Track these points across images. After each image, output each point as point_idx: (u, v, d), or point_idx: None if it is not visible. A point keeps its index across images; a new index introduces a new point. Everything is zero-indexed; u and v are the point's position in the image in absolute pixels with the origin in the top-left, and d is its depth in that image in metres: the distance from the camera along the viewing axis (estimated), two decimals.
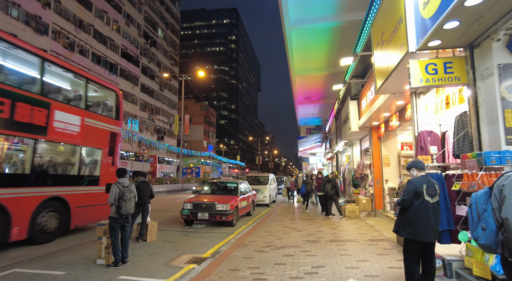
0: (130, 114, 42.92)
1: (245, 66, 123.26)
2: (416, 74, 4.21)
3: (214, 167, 46.93)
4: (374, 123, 9.82)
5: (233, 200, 10.02)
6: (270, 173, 19.33)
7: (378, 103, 7.95)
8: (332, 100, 21.28)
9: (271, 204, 17.38)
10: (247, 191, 12.18)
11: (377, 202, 10.10)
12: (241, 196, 10.92)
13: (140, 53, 45.95)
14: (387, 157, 10.13)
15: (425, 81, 4.19)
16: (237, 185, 11.20)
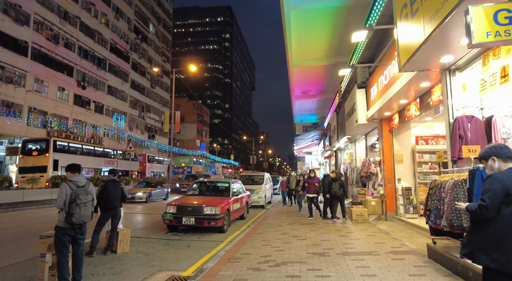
0: (119, 111, 41.31)
1: (239, 65, 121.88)
2: (481, 26, 2.96)
3: (207, 166, 45.44)
4: (386, 114, 8.58)
5: (224, 202, 8.70)
6: (266, 172, 18.01)
7: (395, 88, 6.71)
8: (331, 95, 20.07)
9: (266, 205, 16.08)
10: (240, 191, 10.87)
11: (389, 204, 8.87)
12: (233, 197, 9.61)
13: (130, 49, 44.32)
14: (399, 153, 8.90)
15: (494, 36, 2.93)
16: (229, 185, 9.88)
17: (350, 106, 10.71)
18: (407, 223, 7.85)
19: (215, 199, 8.91)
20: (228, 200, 9.08)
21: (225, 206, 8.58)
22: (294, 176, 15.14)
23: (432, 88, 5.96)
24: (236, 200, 9.82)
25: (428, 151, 8.71)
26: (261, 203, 15.09)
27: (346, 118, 11.73)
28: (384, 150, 9.09)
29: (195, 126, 68.95)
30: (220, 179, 10.80)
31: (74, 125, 32.20)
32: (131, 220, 10.90)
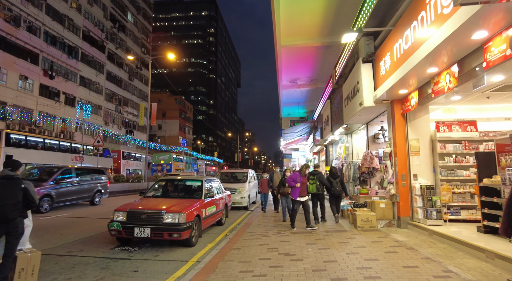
0: (93, 104, 38.39)
1: (224, 60, 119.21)
2: None
3: (189, 164, 43.04)
4: (401, 92, 6.70)
5: (194, 206, 6.66)
6: (250, 169, 16.00)
7: (423, 51, 4.84)
8: (322, 84, 18.26)
9: (250, 206, 14.10)
10: (217, 191, 8.83)
11: (402, 206, 7.03)
12: (207, 199, 7.57)
13: (106, 38, 41.33)
14: (415, 143, 7.08)
15: None
16: (202, 183, 7.81)
17: (351, 87, 8.83)
18: (432, 232, 6.02)
19: (181, 202, 6.84)
20: (199, 203, 7.04)
21: (194, 211, 6.53)
22: (279, 172, 11.34)
23: (488, 42, 4.08)
24: (211, 202, 7.78)
25: (453, 139, 6.93)
26: (244, 204, 13.10)
27: (345, 103, 9.85)
28: (397, 139, 7.23)
29: (178, 123, 66.22)
30: (190, 177, 8.62)
31: (41, 118, 29.25)
32: (67, 229, 8.66)
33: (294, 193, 7.80)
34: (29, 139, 20.82)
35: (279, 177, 10.86)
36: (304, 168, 8.00)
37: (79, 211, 12.06)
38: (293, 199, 7.84)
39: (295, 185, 7.69)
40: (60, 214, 11.13)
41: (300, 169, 8.21)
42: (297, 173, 7.94)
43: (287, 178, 8.25)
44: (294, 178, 7.86)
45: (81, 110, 30.29)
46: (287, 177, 8.35)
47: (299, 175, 7.85)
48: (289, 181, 7.94)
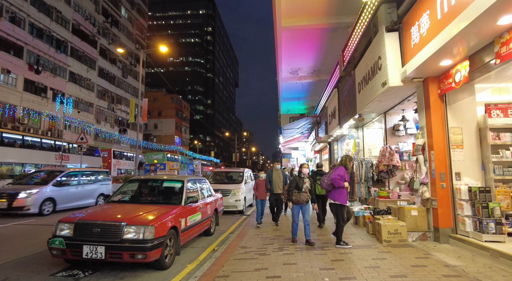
0: (84, 102, 36.67)
1: (222, 60, 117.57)
2: None
3: (184, 164, 41.28)
4: (442, 64, 5.07)
5: (168, 214, 5.02)
6: (246, 168, 14.37)
7: None
8: (326, 76, 16.65)
9: (246, 209, 12.46)
10: (204, 194, 7.19)
11: (441, 214, 5.39)
12: (189, 204, 5.92)
13: (98, 33, 39.62)
14: (457, 131, 5.47)
15: None
16: (183, 185, 6.14)
17: (368, 67, 7.19)
18: (497, 254, 4.37)
19: (154, 209, 5.19)
20: (177, 210, 5.40)
21: (168, 221, 4.89)
22: (280, 170, 8.72)
23: None
24: (194, 209, 6.14)
25: (510, 127, 5.31)
26: (239, 208, 11.47)
27: (359, 89, 8.22)
28: (433, 128, 5.60)
29: (174, 122, 64.47)
30: (169, 177, 6.87)
31: (25, 114, 27.50)
32: (13, 241, 6.98)
33: (340, 196, 5.73)
34: (5, 136, 19.07)
35: (280, 176, 8.51)
36: (348, 161, 6.01)
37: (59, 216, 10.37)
38: (340, 205, 5.75)
39: (343, 184, 5.69)
40: (26, 221, 9.43)
41: (341, 161, 6.11)
42: (342, 169, 5.88)
43: (332, 175, 5.81)
44: (341, 174, 5.76)
45: (61, 104, 28.28)
46: (332, 174, 5.82)
47: (345, 171, 5.90)
48: (335, 179, 5.68)
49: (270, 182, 8.50)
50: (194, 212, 6.13)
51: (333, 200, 5.84)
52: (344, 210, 5.77)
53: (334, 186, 5.81)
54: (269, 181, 8.52)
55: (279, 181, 8.52)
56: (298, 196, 6.03)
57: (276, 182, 8.52)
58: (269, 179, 8.53)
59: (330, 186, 5.89)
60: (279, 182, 8.51)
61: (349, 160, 6.03)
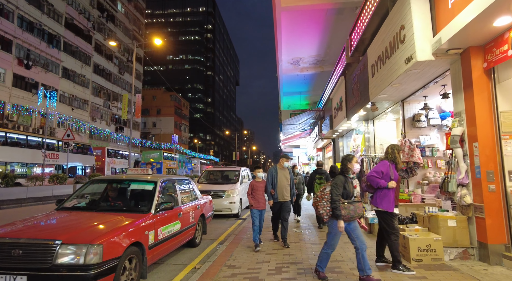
0: (78, 98, 35.47)
1: (222, 58, 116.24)
2: None
3: (182, 163, 40.10)
4: (497, 24, 3.78)
5: (125, 228, 3.76)
6: (243, 167, 13.10)
7: None
8: (330, 67, 15.37)
9: (242, 212, 11.20)
10: (186, 198, 5.93)
11: (491, 225, 4.10)
12: (162, 212, 4.65)
13: (92, 27, 38.38)
14: (510, 116, 4.18)
15: None
16: (155, 187, 4.87)
17: (386, 43, 5.90)
18: None
19: (109, 219, 3.94)
20: (142, 221, 4.14)
21: (124, 237, 3.62)
22: (288, 169, 6.30)
23: None
24: (169, 217, 4.88)
25: None
26: (234, 211, 10.22)
27: (372, 72, 6.92)
28: (476, 112, 4.30)
29: (173, 120, 63.25)
30: (138, 176, 5.55)
31: (14, 111, 26.30)
32: None
33: (382, 199, 4.13)
34: None
35: (287, 177, 6.12)
36: (396, 152, 4.35)
37: None
38: (384, 213, 4.16)
39: (384, 184, 4.09)
40: None
41: (386, 153, 4.41)
42: (386, 163, 4.26)
43: (370, 172, 4.28)
44: (381, 170, 4.18)
45: (44, 97, 26.95)
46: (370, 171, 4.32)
47: (390, 166, 4.24)
48: (371, 177, 4.15)
49: (273, 185, 6.01)
50: (169, 221, 4.87)
51: (376, 205, 4.24)
52: (392, 219, 4.13)
53: (370, 186, 4.29)
54: (272, 183, 6.03)
55: (285, 183, 6.05)
56: (350, 208, 3.75)
57: (282, 185, 6.02)
58: (271, 180, 6.02)
59: (370, 187, 4.32)
60: (286, 184, 6.05)
61: (397, 150, 4.35)
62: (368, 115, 9.12)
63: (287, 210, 6.07)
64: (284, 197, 6.03)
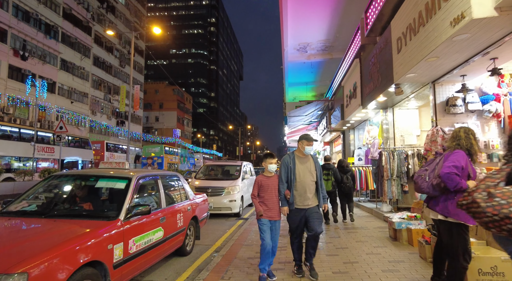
0: (77, 91, 34.55)
1: (226, 52, 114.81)
2: None
3: (184, 157, 39.16)
4: None
5: (75, 244, 2.67)
6: (245, 161, 12.03)
7: None
8: (339, 54, 14.18)
9: (244, 211, 10.15)
10: (169, 199, 4.88)
11: None
12: (135, 217, 3.58)
13: (92, 18, 37.31)
14: None
15: None
16: (128, 184, 3.79)
17: (421, 4, 4.74)
18: None
19: (56, 229, 2.89)
20: (105, 231, 3.08)
21: (70, 258, 2.55)
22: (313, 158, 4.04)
23: None
24: (149, 222, 3.84)
25: None
26: (235, 210, 9.18)
27: (399, 46, 5.76)
28: None
29: (175, 114, 62.29)
30: (109, 172, 4.58)
31: (10, 104, 25.43)
32: None
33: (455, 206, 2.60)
34: None
35: (312, 170, 3.91)
36: (473, 138, 3.07)
37: None
38: (458, 226, 2.90)
39: (465, 184, 2.82)
40: None
41: (458, 139, 3.08)
42: (462, 155, 2.96)
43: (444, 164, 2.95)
44: (460, 163, 2.89)
45: (32, 87, 25.92)
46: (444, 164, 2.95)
47: (467, 157, 3.00)
48: (448, 175, 2.83)
49: (290, 183, 3.88)
50: (147, 229, 3.81)
51: (445, 214, 2.97)
52: (467, 235, 2.91)
53: (443, 188, 2.97)
54: (287, 180, 3.90)
55: (309, 180, 3.86)
56: None
57: (303, 182, 3.86)
58: (286, 175, 3.90)
59: (436, 187, 3.04)
60: (309, 182, 3.86)
61: (473, 135, 3.09)
62: (387, 102, 7.97)
63: (317, 217, 3.79)
64: (307, 202, 3.81)
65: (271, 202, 3.87)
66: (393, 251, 4.82)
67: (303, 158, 3.96)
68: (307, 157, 3.98)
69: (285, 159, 4.00)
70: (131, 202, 3.68)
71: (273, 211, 3.86)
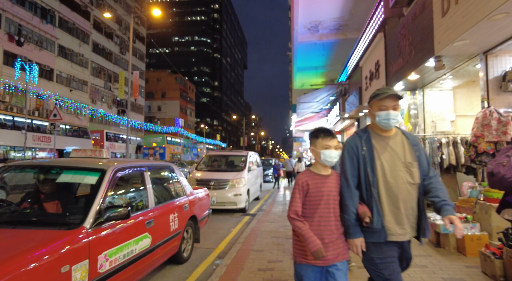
0: (76, 79, 33.54)
1: (230, 39, 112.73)
2: None
3: (187, 148, 38.30)
4: None
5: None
6: (251, 151, 11.01)
7: None
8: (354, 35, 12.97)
9: (249, 206, 9.18)
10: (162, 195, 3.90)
11: None
12: (108, 225, 2.60)
13: (90, 3, 36.02)
14: None
15: None
16: (101, 178, 2.80)
17: None
18: None
19: None
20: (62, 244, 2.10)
21: None
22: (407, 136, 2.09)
23: None
24: (129, 228, 2.85)
25: None
26: (240, 205, 8.23)
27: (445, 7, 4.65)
28: None
29: (178, 103, 61.22)
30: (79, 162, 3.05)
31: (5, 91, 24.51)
32: None
33: None
34: None
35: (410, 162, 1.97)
36: None
37: None
38: None
39: None
40: None
41: None
42: None
43: None
44: None
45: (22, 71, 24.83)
46: None
47: None
48: None
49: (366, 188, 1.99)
50: (128, 237, 2.83)
51: None
52: None
53: None
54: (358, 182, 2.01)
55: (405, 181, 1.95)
56: None
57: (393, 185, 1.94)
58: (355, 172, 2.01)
59: None
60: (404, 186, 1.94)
61: None
62: (417, 82, 6.87)
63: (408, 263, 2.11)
64: (403, 227, 1.96)
65: (328, 227, 1.98)
66: (442, 263, 3.82)
67: (386, 136, 2.05)
68: (395, 134, 2.08)
69: (350, 142, 2.08)
70: (104, 202, 2.69)
71: (332, 245, 1.97)
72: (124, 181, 3.28)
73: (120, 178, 3.10)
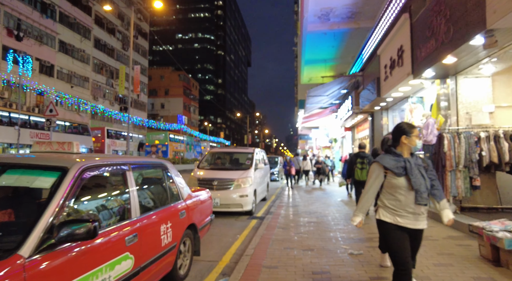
0: (78, 75, 32.89)
1: (234, 36, 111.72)
2: None
3: (190, 145, 37.54)
4: None
5: None
6: (257, 148, 10.12)
7: None
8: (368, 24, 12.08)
9: (256, 208, 8.33)
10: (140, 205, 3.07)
11: None
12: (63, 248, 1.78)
13: None
14: None
15: None
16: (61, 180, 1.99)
17: None
18: None
19: None
20: None
21: None
22: None
23: None
24: (101, 249, 2.01)
25: None
26: (247, 207, 7.39)
27: None
28: None
29: (181, 101, 60.48)
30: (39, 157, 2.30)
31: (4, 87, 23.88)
32: None
33: None
34: None
35: None
36: None
37: None
38: None
39: None
40: None
41: None
42: None
43: None
44: None
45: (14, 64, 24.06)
46: None
47: None
48: None
49: None
50: (98, 261, 2.00)
51: None
52: None
53: None
54: None
55: None
56: None
57: None
58: None
59: None
60: None
61: None
62: (449, 69, 5.96)
63: None
64: None
65: None
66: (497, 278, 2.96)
67: None
68: None
69: None
70: (59, 215, 1.86)
71: None
72: (97, 184, 2.45)
73: (90, 179, 2.27)
